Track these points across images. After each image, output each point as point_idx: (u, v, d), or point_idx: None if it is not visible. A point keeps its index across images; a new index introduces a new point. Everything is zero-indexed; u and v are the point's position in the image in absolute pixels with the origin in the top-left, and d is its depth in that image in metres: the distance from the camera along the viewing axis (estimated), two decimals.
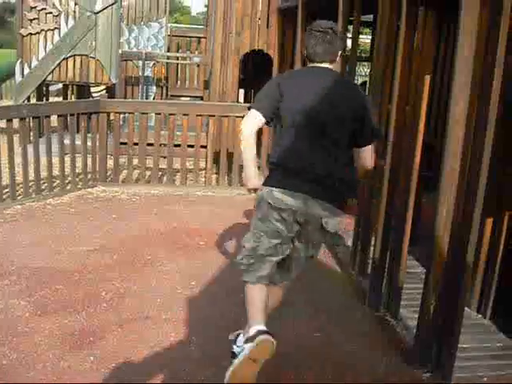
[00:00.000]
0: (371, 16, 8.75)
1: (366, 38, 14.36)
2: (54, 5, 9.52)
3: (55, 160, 7.01)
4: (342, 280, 5.02)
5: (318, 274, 5.08)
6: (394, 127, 4.09)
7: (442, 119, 6.98)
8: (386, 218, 4.26)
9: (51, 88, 13.01)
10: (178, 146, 7.59)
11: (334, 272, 5.17)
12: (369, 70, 14.44)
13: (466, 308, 3.66)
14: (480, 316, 4.25)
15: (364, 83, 13.09)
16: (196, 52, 13.21)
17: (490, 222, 4.08)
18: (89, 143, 7.30)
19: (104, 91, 11.88)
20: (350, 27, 5.89)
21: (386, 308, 4.19)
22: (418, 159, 3.91)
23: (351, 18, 5.58)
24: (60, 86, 12.80)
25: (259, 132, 3.35)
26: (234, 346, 3.37)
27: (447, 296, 3.39)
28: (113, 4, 9.57)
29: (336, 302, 4.57)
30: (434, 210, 3.36)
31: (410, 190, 3.96)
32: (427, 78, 3.82)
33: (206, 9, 16.18)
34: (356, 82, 11.74)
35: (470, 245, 3.23)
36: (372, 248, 4.55)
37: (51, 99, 12.81)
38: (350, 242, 5.26)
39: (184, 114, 7.55)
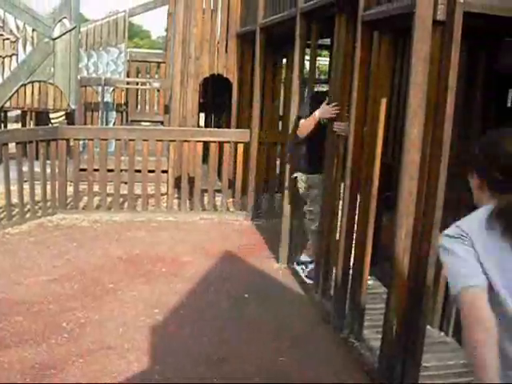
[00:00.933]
0: (329, 40, 8.87)
1: (324, 61, 14.53)
2: (11, 31, 9.42)
3: (14, 188, 6.90)
4: (305, 303, 5.02)
5: (281, 298, 5.09)
6: (353, 149, 4.14)
7: (400, 139, 7.08)
8: (346, 240, 4.29)
9: (10, 114, 12.85)
10: (139, 171, 7.56)
11: (297, 295, 5.18)
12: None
13: (428, 326, 3.70)
14: (442, 334, 4.29)
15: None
16: (156, 76, 13.21)
17: None
18: (48, 170, 7.21)
19: (63, 117, 11.77)
20: (308, 50, 5.95)
21: (350, 329, 4.21)
22: (376, 180, 3.95)
23: (309, 42, 5.66)
24: (19, 112, 12.65)
25: None
26: None
27: (409, 316, 3.42)
28: (71, 30, 9.52)
29: (300, 324, 4.57)
30: (393, 231, 3.40)
31: (369, 210, 4.00)
32: (383, 101, 3.88)
33: (165, 33, 16.21)
34: None
35: (430, 265, 3.27)
36: (334, 270, 4.58)
37: (9, 125, 12.65)
38: (312, 265, 5.28)
39: (144, 140, 7.52)
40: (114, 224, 7.14)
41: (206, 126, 12.20)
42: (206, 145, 7.76)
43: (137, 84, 12.54)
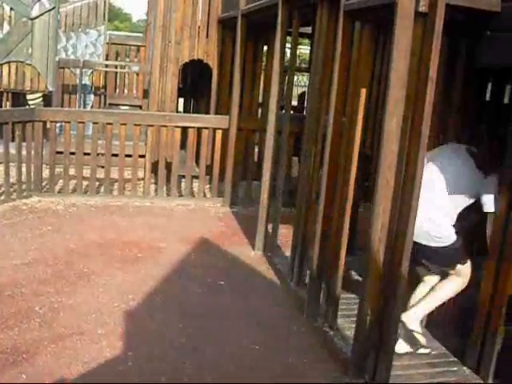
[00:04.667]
0: (310, 28, 8.85)
1: (305, 49, 14.52)
2: None
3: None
4: (280, 291, 5.02)
5: (256, 286, 5.10)
6: (331, 138, 4.14)
7: (379, 130, 7.11)
8: (323, 228, 4.29)
9: None
10: (116, 155, 7.49)
11: (272, 283, 5.18)
12: (308, 81, 14.58)
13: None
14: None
15: (303, 93, 13.21)
16: (135, 60, 13.10)
17: None
18: (24, 152, 7.11)
19: (40, 99, 11.62)
20: (289, 38, 5.93)
21: (324, 319, 4.22)
22: (354, 169, 3.95)
23: (290, 30, 5.64)
24: None
25: None
26: None
27: (383, 306, 3.43)
28: (50, 10, 9.40)
29: (275, 313, 4.57)
30: (370, 221, 3.41)
31: (346, 200, 4.00)
32: (363, 91, 3.87)
33: (146, 16, 16.06)
34: (295, 92, 11.84)
35: (405, 256, 3.29)
36: (310, 259, 4.58)
37: None
38: (288, 253, 5.29)
39: (122, 124, 7.45)
40: (89, 208, 7.07)
41: (185, 111, 12.12)
42: (185, 130, 7.72)
43: (116, 67, 12.43)
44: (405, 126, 3.22)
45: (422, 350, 3.86)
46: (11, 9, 9.36)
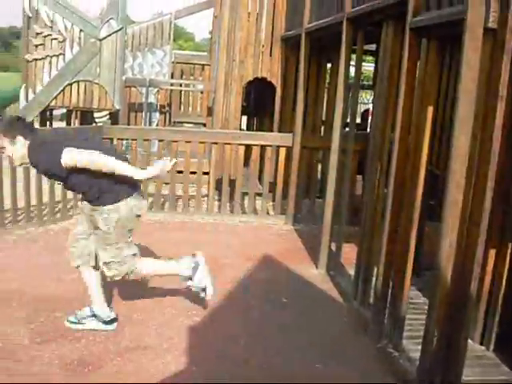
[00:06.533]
0: (374, 45, 8.81)
1: (368, 66, 14.44)
2: (59, 31, 9.61)
3: (58, 185, 7.00)
4: (343, 310, 4.97)
5: (319, 304, 5.06)
6: (397, 156, 4.09)
7: (445, 148, 6.98)
8: (388, 248, 4.24)
9: (55, 112, 13.08)
10: (181, 172, 7.60)
11: (335, 302, 5.13)
12: (371, 98, 14.49)
13: (469, 340, 3.63)
14: (483, 348, 4.20)
15: (366, 111, 13.12)
16: (200, 79, 13.30)
17: (492, 253, 4.05)
18: None
19: (107, 117, 11.94)
20: (354, 56, 5.91)
21: (389, 339, 4.15)
22: (420, 189, 3.90)
23: (354, 47, 5.63)
24: (64, 110, 12.88)
25: None
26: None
27: (450, 328, 3.35)
28: (118, 31, 9.65)
29: (338, 332, 4.53)
30: (437, 240, 3.35)
31: (412, 219, 3.94)
32: (430, 109, 3.82)
33: (209, 35, 16.30)
34: (358, 110, 11.76)
35: (474, 276, 3.21)
36: (374, 278, 4.53)
37: (55, 124, 12.87)
38: (351, 272, 5.24)
39: (187, 141, 7.56)
40: (154, 224, 7.18)
41: (248, 129, 12.23)
42: (248, 148, 7.78)
43: (180, 86, 12.65)
44: (473, 144, 3.16)
45: None
46: (81, 30, 9.66)
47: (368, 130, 9.72)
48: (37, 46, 9.60)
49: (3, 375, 3.53)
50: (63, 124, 13.44)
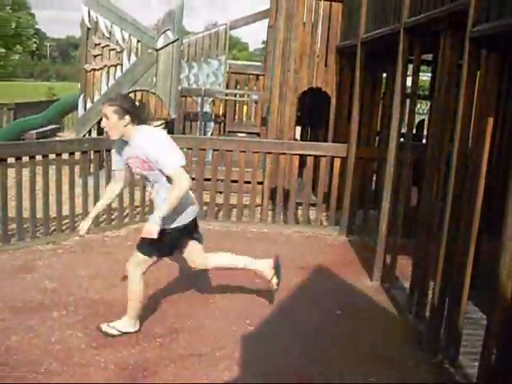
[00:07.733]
0: (430, 55, 8.71)
1: (424, 76, 14.26)
2: (117, 42, 9.81)
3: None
4: (398, 324, 4.90)
5: (374, 316, 5.01)
6: (456, 168, 4.02)
7: (503, 160, 6.83)
8: (445, 261, 4.16)
9: None
10: (235, 181, 7.65)
11: (390, 315, 5.07)
12: (427, 108, 14.30)
13: None
14: None
15: (421, 121, 12.95)
16: (254, 88, 13.37)
17: None
18: None
19: (163, 126, 12.10)
20: (410, 66, 5.85)
21: (444, 354, 4.07)
22: (479, 201, 3.82)
23: (411, 57, 5.57)
24: None
25: None
26: None
27: (509, 344, 3.27)
28: (174, 41, 9.79)
29: (392, 346, 4.46)
30: (497, 255, 3.27)
31: (471, 234, 3.87)
32: (490, 120, 3.75)
33: (263, 45, 16.37)
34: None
35: None
36: (430, 291, 4.45)
37: None
38: (406, 284, 5.17)
39: (241, 151, 7.60)
40: (208, 233, 7.19)
41: (302, 139, 12.23)
42: (302, 158, 7.77)
43: (235, 96, 12.74)
44: None
45: None
46: (138, 41, 9.84)
47: (424, 141, 9.60)
48: (95, 56, 9.83)
49: (59, 378, 3.61)
50: None
